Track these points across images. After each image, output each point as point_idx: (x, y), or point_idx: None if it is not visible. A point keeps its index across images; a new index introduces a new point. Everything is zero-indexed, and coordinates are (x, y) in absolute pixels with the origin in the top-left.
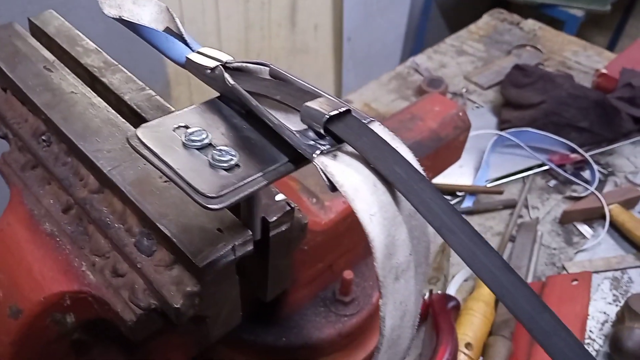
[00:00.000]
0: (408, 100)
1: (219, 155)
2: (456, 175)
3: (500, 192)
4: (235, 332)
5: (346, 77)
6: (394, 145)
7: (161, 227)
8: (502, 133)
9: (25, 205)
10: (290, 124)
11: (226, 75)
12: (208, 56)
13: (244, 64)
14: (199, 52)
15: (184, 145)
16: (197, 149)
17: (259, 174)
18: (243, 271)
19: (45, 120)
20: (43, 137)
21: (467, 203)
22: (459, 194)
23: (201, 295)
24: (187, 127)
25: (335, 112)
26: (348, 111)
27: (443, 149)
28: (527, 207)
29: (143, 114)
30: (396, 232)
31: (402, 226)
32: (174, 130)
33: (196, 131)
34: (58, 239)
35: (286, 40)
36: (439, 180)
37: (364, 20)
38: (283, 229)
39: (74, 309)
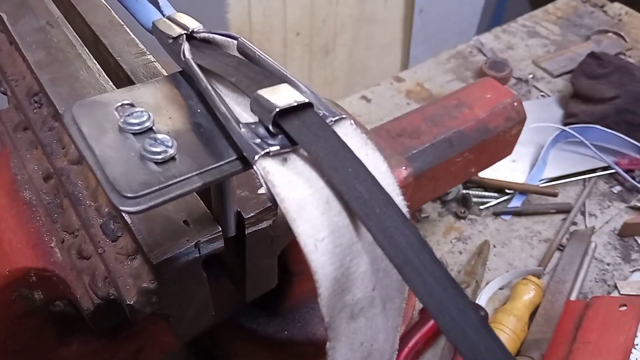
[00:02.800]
0: (466, 82)
1: (152, 145)
2: (507, 170)
3: (555, 194)
4: (236, 317)
5: (414, 51)
6: (362, 153)
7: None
8: (566, 128)
9: (11, 168)
10: (248, 113)
11: (184, 46)
12: (177, 23)
13: (211, 35)
14: (168, 18)
15: (120, 128)
16: (134, 133)
17: (194, 173)
18: (227, 266)
19: (36, 79)
20: (35, 98)
21: (516, 203)
22: (507, 191)
23: (159, 293)
24: (132, 105)
25: (290, 104)
26: (308, 105)
27: (490, 142)
28: (583, 213)
29: (136, 81)
30: (352, 262)
31: (362, 256)
32: (116, 109)
33: (136, 112)
34: (34, 209)
35: (354, 8)
36: (487, 174)
37: None
38: (263, 226)
39: (40, 286)
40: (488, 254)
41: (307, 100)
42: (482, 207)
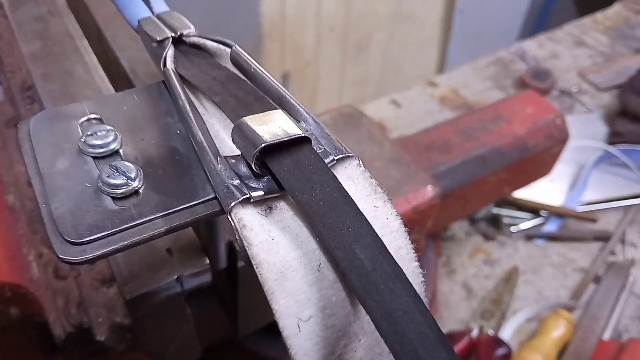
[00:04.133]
0: (505, 91)
1: (111, 175)
2: (544, 190)
3: (594, 220)
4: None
5: (452, 53)
6: (369, 205)
7: None
8: (611, 148)
9: None
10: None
11: (168, 52)
12: (166, 23)
13: (202, 40)
14: (158, 17)
15: (79, 150)
16: (95, 157)
17: (158, 215)
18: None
19: (28, 73)
20: (28, 93)
21: (551, 226)
22: (542, 213)
23: (134, 330)
24: (100, 121)
25: (280, 138)
26: (303, 139)
27: (528, 162)
28: (623, 243)
29: (134, 82)
30: (347, 348)
31: (360, 338)
32: (81, 124)
33: (102, 131)
34: (16, 216)
35: (392, 5)
36: (521, 193)
37: None
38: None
39: (16, 303)
40: (517, 281)
41: (301, 134)
42: (513, 228)
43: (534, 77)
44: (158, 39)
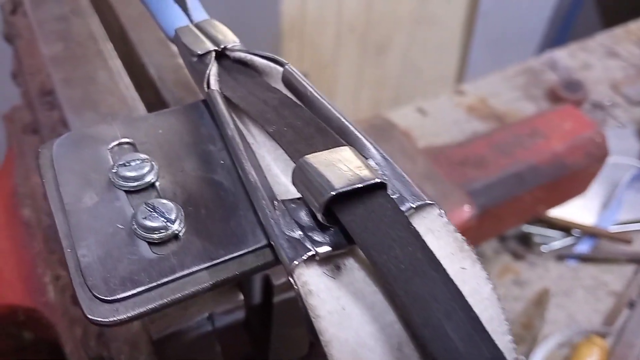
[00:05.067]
0: (535, 102)
1: (148, 217)
2: (575, 208)
3: (628, 241)
4: None
5: (474, 56)
6: (456, 266)
7: None
8: None
9: (13, 177)
10: (289, 179)
11: (211, 71)
12: (206, 33)
13: (250, 56)
14: (197, 26)
15: (110, 182)
16: (128, 191)
17: (201, 266)
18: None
19: (48, 76)
20: (48, 98)
21: (583, 246)
22: (574, 233)
23: None
24: (134, 146)
25: (353, 185)
26: (380, 185)
27: (566, 180)
28: None
29: (161, 90)
30: None
31: None
32: (111, 150)
33: (136, 160)
34: (32, 232)
35: (414, 7)
36: (553, 210)
37: None
38: (293, 294)
39: (29, 326)
40: (548, 304)
41: (378, 180)
42: (544, 247)
43: (565, 88)
44: (199, 53)
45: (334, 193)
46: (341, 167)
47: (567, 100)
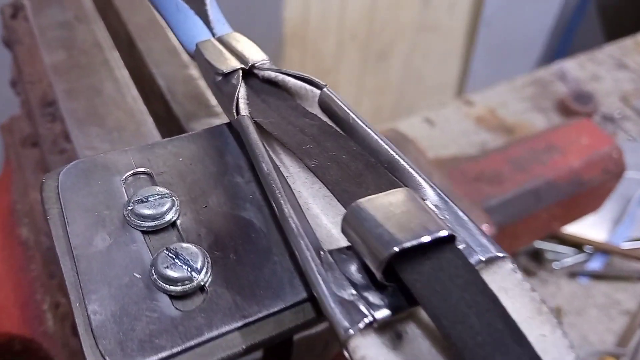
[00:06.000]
0: (544, 114)
1: (169, 265)
2: (587, 224)
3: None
4: None
5: (475, 64)
6: (535, 332)
7: None
8: None
9: (11, 193)
10: (331, 220)
11: (240, 93)
12: (230, 49)
13: (281, 77)
14: (220, 40)
15: (124, 220)
16: (145, 231)
17: (233, 326)
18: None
19: (49, 86)
20: (49, 109)
21: (595, 264)
22: (586, 249)
23: None
24: (151, 177)
25: (419, 239)
26: (449, 238)
27: (582, 197)
28: None
29: (171, 104)
30: None
31: None
32: (125, 181)
33: (154, 195)
34: (30, 253)
35: (416, 15)
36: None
37: (507, 3)
38: (318, 329)
39: (26, 357)
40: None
41: (447, 233)
42: (555, 264)
43: (576, 100)
44: (224, 71)
45: (397, 249)
46: (402, 215)
47: (577, 112)
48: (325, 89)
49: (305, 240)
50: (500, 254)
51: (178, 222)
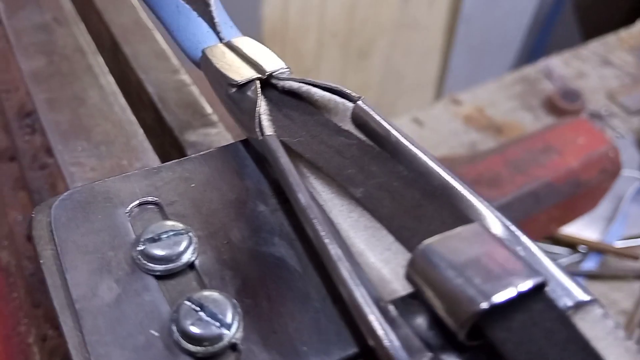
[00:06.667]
0: (532, 112)
1: (194, 322)
2: (580, 224)
3: (636, 257)
4: None
5: (455, 61)
6: None
7: None
8: None
9: None
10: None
11: (260, 108)
12: (243, 56)
13: (306, 88)
14: (228, 45)
15: (133, 262)
16: (159, 276)
17: None
18: None
19: (28, 95)
20: (28, 120)
21: (590, 263)
22: (581, 249)
23: None
24: (159, 206)
25: (511, 291)
26: (540, 287)
27: (580, 198)
28: None
29: (163, 113)
30: None
31: None
32: (129, 212)
33: (166, 233)
34: (12, 280)
35: (396, 12)
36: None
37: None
38: None
39: None
40: None
41: (540, 280)
42: None
43: (563, 98)
44: (239, 81)
45: (486, 306)
46: (482, 259)
47: (565, 110)
48: (359, 102)
49: (361, 290)
50: (588, 297)
51: (197, 262)
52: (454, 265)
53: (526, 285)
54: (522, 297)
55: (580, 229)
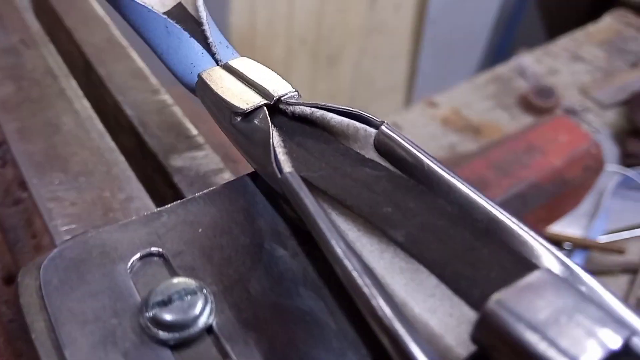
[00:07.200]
0: (508, 111)
1: None
2: (564, 221)
3: (621, 252)
4: None
5: (423, 63)
6: None
7: None
8: (629, 172)
9: None
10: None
11: (274, 139)
12: (244, 79)
13: (319, 112)
14: (226, 68)
15: (142, 330)
16: (173, 345)
17: None
18: None
19: None
20: None
21: (576, 260)
22: (566, 246)
23: None
24: (164, 258)
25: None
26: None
27: (565, 196)
28: None
29: (144, 137)
30: None
31: None
32: (131, 268)
33: (179, 294)
34: None
35: (363, 17)
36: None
37: (451, 0)
38: None
39: None
40: None
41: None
42: None
43: (537, 95)
44: (245, 109)
45: None
46: (562, 314)
47: (540, 107)
48: (383, 127)
49: (421, 357)
50: None
51: (215, 325)
52: (534, 326)
53: (616, 342)
54: (613, 356)
55: (563, 226)
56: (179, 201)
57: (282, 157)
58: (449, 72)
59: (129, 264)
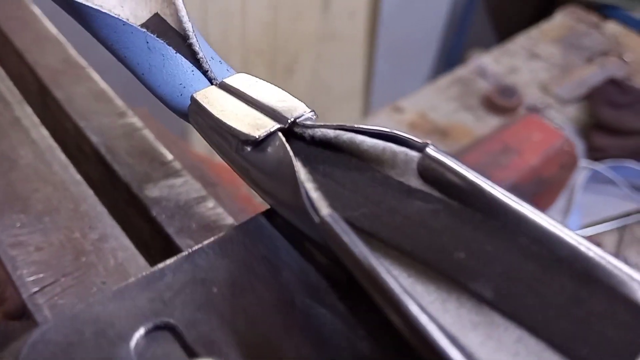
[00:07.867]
0: (472, 112)
1: None
2: None
3: (598, 245)
4: None
5: (379, 67)
6: None
7: None
8: (598, 166)
9: None
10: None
11: (299, 171)
12: (246, 99)
13: (347, 135)
14: (223, 87)
15: None
16: None
17: None
18: None
19: None
20: None
21: None
22: None
23: None
24: (175, 331)
25: None
26: None
27: (544, 195)
28: None
29: (114, 166)
30: None
31: None
32: (135, 349)
33: None
34: None
35: (316, 25)
36: None
37: (402, 4)
38: None
39: None
40: None
41: None
42: None
43: (500, 95)
44: (257, 136)
45: None
46: None
47: (503, 107)
48: (428, 149)
49: None
50: None
51: None
52: None
53: None
54: None
55: None
56: (183, 254)
57: (314, 194)
58: (405, 76)
59: (133, 343)
